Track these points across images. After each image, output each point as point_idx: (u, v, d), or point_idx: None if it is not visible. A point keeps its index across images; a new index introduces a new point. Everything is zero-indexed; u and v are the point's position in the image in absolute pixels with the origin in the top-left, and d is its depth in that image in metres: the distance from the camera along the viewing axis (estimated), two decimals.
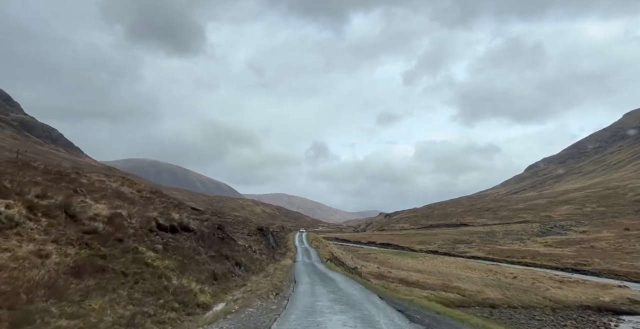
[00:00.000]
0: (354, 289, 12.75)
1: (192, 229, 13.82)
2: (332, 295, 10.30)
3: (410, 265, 62.37)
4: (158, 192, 17.96)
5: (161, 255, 9.76)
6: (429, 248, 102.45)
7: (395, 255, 77.51)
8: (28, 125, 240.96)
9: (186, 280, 9.22)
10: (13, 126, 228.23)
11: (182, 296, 8.17)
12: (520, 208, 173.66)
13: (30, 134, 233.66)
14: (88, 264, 6.84)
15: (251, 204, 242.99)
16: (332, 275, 18.48)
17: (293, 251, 41.61)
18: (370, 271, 51.48)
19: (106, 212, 9.19)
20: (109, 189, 13.58)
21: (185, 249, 11.65)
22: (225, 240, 18.04)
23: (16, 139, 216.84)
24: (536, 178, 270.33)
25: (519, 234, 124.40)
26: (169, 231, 12.20)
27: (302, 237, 72.15)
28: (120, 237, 8.48)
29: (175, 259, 10.35)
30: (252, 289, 10.03)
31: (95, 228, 7.87)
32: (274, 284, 11.83)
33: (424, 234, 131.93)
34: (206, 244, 14.22)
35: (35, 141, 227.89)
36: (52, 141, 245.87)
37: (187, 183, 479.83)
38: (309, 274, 18.37)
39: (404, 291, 38.05)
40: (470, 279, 51.72)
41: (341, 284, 13.96)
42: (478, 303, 36.81)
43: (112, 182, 15.49)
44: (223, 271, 12.71)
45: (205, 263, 11.92)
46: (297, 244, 55.42)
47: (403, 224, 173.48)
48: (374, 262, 63.53)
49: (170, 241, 11.21)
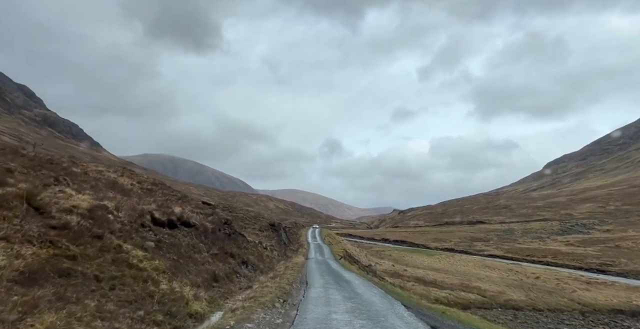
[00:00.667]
0: (374, 294, 11.19)
1: (194, 224, 12.48)
2: (350, 303, 8.76)
3: (427, 263, 60.28)
4: (161, 185, 16.74)
5: (151, 254, 8.37)
6: (444, 245, 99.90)
7: (410, 253, 75.43)
8: (50, 120, 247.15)
9: (178, 284, 7.80)
10: (36, 121, 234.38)
11: (170, 304, 6.73)
12: (539, 206, 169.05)
13: (52, 129, 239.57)
14: (48, 267, 5.44)
15: (265, 199, 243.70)
16: (347, 276, 16.93)
17: (305, 247, 40.22)
18: (385, 269, 49.73)
19: (87, 204, 7.86)
20: (104, 180, 12.36)
21: (183, 246, 10.28)
22: (233, 236, 16.71)
23: (39, 134, 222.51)
24: (556, 175, 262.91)
25: (539, 232, 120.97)
26: (166, 226, 10.87)
27: (315, 233, 70.81)
28: (99, 233, 7.12)
29: (169, 259, 8.97)
30: (255, 296, 8.56)
31: (66, 223, 6.52)
32: (282, 288, 10.35)
33: (439, 231, 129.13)
34: (209, 241, 12.87)
35: (57, 136, 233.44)
36: (72, 136, 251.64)
37: (203, 178, 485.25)
38: (322, 274, 16.88)
39: (420, 291, 36.25)
40: (491, 279, 49.44)
41: (359, 288, 12.39)
42: (500, 305, 34.74)
43: (111, 173, 14.31)
44: (226, 272, 11.30)
45: (205, 262, 10.53)
46: (310, 240, 54.11)
47: (417, 221, 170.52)
48: (388, 259, 61.67)
49: (165, 237, 9.85)
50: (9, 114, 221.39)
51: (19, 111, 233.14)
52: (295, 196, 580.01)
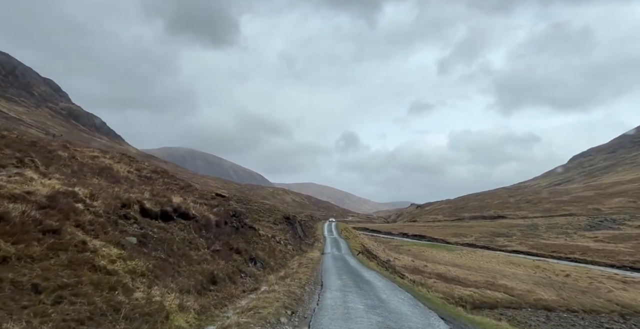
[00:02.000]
0: (401, 300, 9.35)
1: (194, 216, 10.89)
2: (375, 316, 6.95)
3: (447, 259, 57.81)
4: (164, 173, 15.27)
5: (130, 252, 6.74)
6: (465, 240, 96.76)
7: (429, 247, 72.94)
8: (75, 114, 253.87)
9: (160, 290, 6.14)
10: (62, 115, 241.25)
11: (141, 320, 5.06)
12: (564, 200, 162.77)
13: (76, 122, 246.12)
14: None
15: (282, 192, 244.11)
16: (367, 275, 15.12)
17: (322, 241, 38.59)
18: (405, 264, 47.67)
19: (48, 190, 6.31)
20: (95, 166, 10.90)
21: (177, 242, 8.68)
22: (241, 230, 15.14)
23: (64, 126, 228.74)
24: (582, 169, 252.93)
25: (564, 227, 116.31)
26: (159, 218, 9.31)
27: (332, 227, 69.09)
28: (55, 227, 5.52)
29: (155, 258, 7.35)
30: (257, 305, 6.82)
31: (4, 213, 4.94)
32: (292, 293, 8.61)
33: (459, 226, 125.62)
34: (212, 235, 11.28)
35: (81, 129, 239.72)
36: (95, 129, 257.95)
37: (221, 171, 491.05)
38: (339, 272, 15.13)
39: (443, 289, 34.11)
40: (517, 276, 46.69)
41: (382, 292, 10.55)
42: (530, 305, 32.22)
43: (107, 159, 12.87)
44: (228, 271, 9.65)
45: (203, 260, 8.91)
46: (326, 234, 52.47)
47: (436, 216, 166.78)
48: (407, 254, 59.49)
49: (155, 231, 8.26)
50: (36, 107, 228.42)
51: (45, 104, 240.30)
52: (312, 189, 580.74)
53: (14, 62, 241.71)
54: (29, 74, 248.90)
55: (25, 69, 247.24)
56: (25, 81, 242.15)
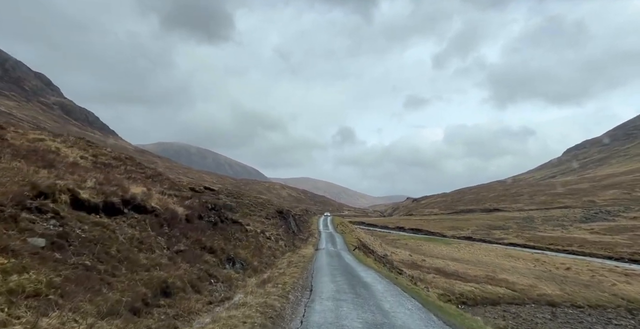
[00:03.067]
0: (409, 312, 7.38)
1: (153, 209, 8.79)
2: None
3: (445, 253, 56.24)
4: (129, 159, 13.12)
5: (26, 260, 4.62)
6: (461, 233, 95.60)
7: (426, 241, 71.43)
8: (67, 108, 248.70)
9: (59, 317, 4.04)
10: (53, 109, 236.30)
11: None
12: (559, 193, 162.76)
13: (69, 117, 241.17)
14: None
15: (278, 187, 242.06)
16: (364, 276, 13.12)
17: (316, 236, 36.64)
18: (402, 259, 45.97)
19: None
20: (27, 148, 8.77)
21: (118, 242, 6.60)
22: (221, 225, 13.07)
23: (56, 121, 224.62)
24: (577, 161, 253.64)
25: (560, 220, 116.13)
26: (100, 211, 7.23)
27: (327, 221, 67.15)
28: None
29: (72, 266, 5.25)
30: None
31: None
32: (268, 307, 6.56)
33: (456, 219, 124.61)
34: (178, 232, 9.21)
35: (73, 124, 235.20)
36: (89, 123, 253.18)
37: (217, 166, 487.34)
38: (333, 272, 13.13)
39: (443, 284, 32.37)
40: (517, 270, 45.20)
41: (384, 299, 8.55)
42: (533, 300, 30.60)
43: (55, 143, 10.72)
44: (192, 277, 7.58)
45: (155, 265, 6.84)
46: (322, 228, 50.59)
47: (432, 209, 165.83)
48: (404, 249, 57.85)
49: (83, 229, 6.18)
50: (27, 101, 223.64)
51: (37, 98, 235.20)
52: (308, 184, 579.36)
53: (4, 55, 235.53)
54: (19, 67, 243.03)
55: (15, 62, 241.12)
56: (15, 75, 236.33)
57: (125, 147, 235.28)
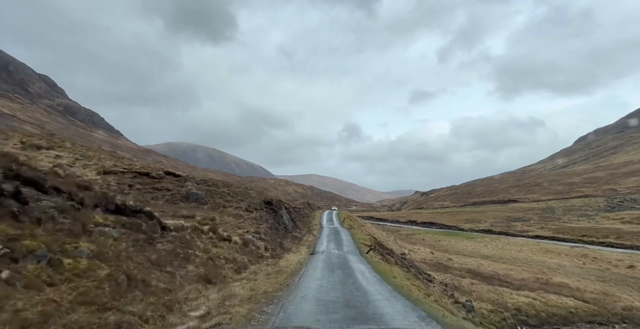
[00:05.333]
0: None
1: None
2: None
3: (471, 249, 47.04)
4: None
5: None
6: (479, 226, 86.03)
7: (444, 235, 62.15)
8: (72, 109, 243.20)
9: None
10: (58, 111, 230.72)
11: None
12: (576, 182, 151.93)
13: (73, 118, 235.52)
14: None
15: (283, 184, 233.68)
16: (397, 319, 4.31)
17: (316, 233, 27.89)
18: (424, 257, 36.85)
19: None
20: None
21: None
22: None
23: (60, 123, 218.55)
24: (588, 150, 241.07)
25: (583, 209, 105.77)
26: None
27: (332, 215, 58.03)
28: None
29: None
30: None
31: None
32: None
33: (470, 211, 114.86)
34: None
35: (78, 125, 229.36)
36: (93, 124, 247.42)
37: (223, 165, 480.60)
38: (327, 311, 4.37)
39: (487, 294, 23.29)
40: (566, 269, 35.78)
41: None
42: (622, 317, 21.19)
43: None
44: None
45: None
46: (325, 223, 41.84)
47: (443, 202, 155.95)
48: (422, 245, 48.87)
49: None
50: (31, 103, 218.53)
51: (41, 100, 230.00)
52: (315, 181, 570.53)
53: (7, 58, 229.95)
54: (23, 70, 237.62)
55: (19, 65, 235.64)
56: (19, 77, 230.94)
57: (130, 147, 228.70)
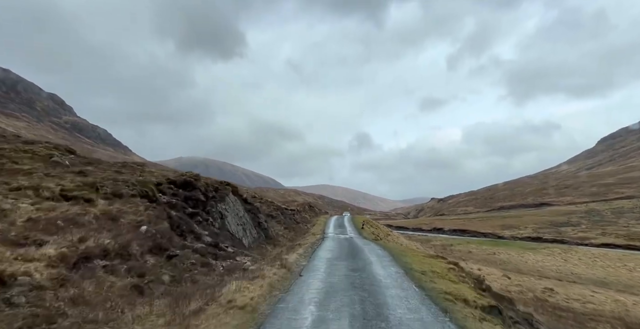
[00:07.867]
0: None
1: None
2: None
3: (550, 265, 31.53)
4: None
5: None
6: (522, 233, 69.61)
7: (493, 246, 46.38)
8: (79, 126, 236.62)
9: None
10: (65, 128, 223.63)
11: None
12: (611, 183, 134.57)
13: (80, 134, 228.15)
14: None
15: (293, 194, 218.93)
16: None
17: (310, 250, 13.25)
18: (502, 285, 21.66)
19: None
20: None
21: None
22: None
23: (67, 139, 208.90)
24: (613, 151, 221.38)
25: (636, 211, 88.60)
26: None
27: (344, 221, 41.83)
28: None
29: None
30: None
31: None
32: None
33: (501, 216, 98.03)
34: None
35: (85, 141, 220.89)
36: (101, 140, 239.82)
37: (234, 178, 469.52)
38: None
39: None
40: None
41: None
42: None
43: None
44: None
45: None
46: (331, 231, 26.30)
47: (465, 207, 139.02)
48: (476, 261, 33.70)
49: None
50: (38, 122, 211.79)
51: (48, 118, 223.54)
52: (326, 191, 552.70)
53: (15, 77, 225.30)
54: (31, 89, 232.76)
55: (27, 84, 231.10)
56: (27, 96, 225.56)
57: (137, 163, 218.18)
